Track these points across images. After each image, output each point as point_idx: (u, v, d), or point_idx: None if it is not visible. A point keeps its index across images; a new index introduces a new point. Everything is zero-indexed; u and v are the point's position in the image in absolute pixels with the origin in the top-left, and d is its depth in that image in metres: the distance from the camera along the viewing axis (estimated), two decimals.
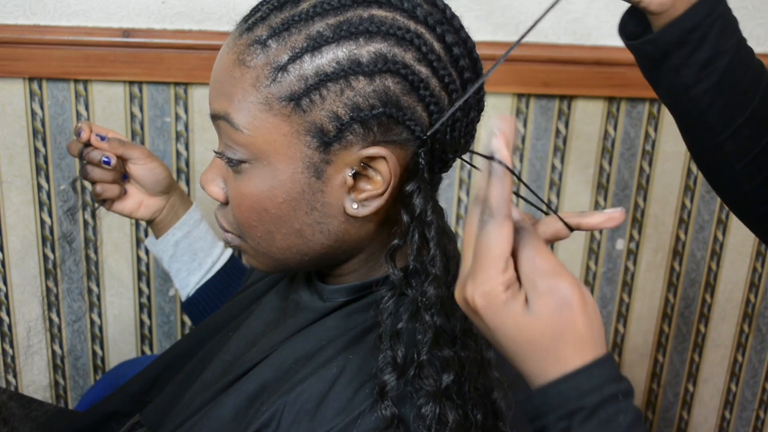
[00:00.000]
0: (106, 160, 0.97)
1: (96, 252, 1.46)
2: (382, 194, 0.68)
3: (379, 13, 0.66)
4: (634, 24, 0.86)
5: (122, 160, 1.00)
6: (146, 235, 1.45)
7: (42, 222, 1.43)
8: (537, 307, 0.57)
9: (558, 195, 1.50)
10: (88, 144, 0.98)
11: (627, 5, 0.85)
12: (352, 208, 0.69)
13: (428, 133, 0.68)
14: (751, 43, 0.86)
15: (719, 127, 0.83)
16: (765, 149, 0.84)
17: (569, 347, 0.56)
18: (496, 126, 0.60)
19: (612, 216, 0.64)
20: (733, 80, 0.80)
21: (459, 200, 1.50)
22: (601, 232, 1.53)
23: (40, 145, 1.39)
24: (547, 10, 0.68)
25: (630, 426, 0.55)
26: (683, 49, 0.79)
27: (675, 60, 0.81)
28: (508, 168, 0.57)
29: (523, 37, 0.65)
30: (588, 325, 0.57)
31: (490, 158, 0.58)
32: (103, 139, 0.98)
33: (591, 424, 0.55)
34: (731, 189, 0.89)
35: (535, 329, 0.57)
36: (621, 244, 1.55)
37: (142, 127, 1.40)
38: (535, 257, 0.58)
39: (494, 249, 0.57)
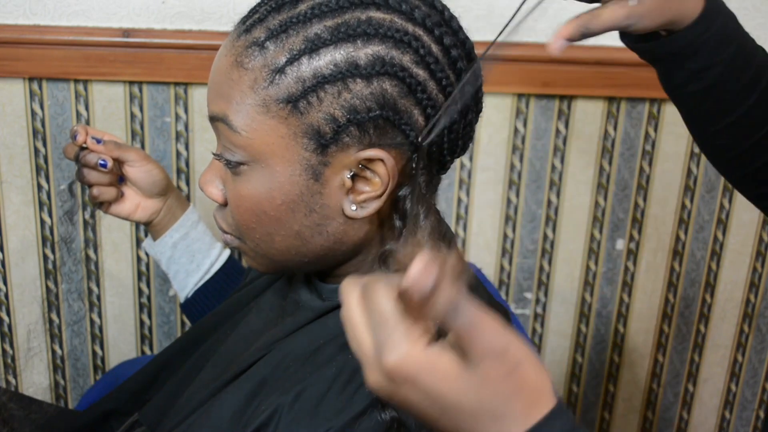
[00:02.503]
0: (102, 162, 0.97)
1: (96, 252, 1.47)
2: (380, 196, 0.68)
3: (377, 15, 0.66)
4: None
5: (119, 162, 1.00)
6: (146, 235, 1.45)
7: (42, 222, 1.43)
8: (484, 371, 0.49)
9: (558, 195, 1.50)
10: (84, 147, 0.98)
11: None
12: (351, 209, 0.69)
13: (423, 143, 0.67)
14: None
15: (709, 123, 0.83)
16: (757, 144, 0.84)
17: (526, 404, 0.50)
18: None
19: None
20: (725, 86, 0.80)
21: (459, 200, 1.49)
22: (601, 232, 1.53)
23: (40, 145, 1.39)
24: (517, 11, 0.68)
25: None
26: (675, 60, 0.79)
27: (667, 65, 0.81)
28: None
29: (496, 39, 0.65)
30: (538, 374, 0.51)
31: None
32: (99, 141, 0.98)
33: None
34: (733, 170, 0.89)
35: (483, 392, 0.49)
36: (621, 245, 1.55)
37: (142, 127, 1.40)
38: (469, 317, 0.48)
39: (386, 306, 0.50)
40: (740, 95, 0.81)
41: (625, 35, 0.84)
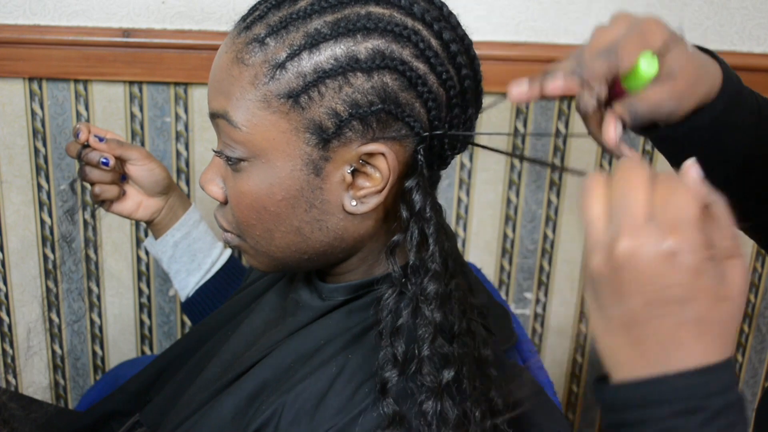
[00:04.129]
0: (104, 161, 0.98)
1: (96, 252, 1.47)
2: (380, 191, 0.68)
3: (376, 10, 0.66)
4: None
5: (121, 161, 1.00)
6: (146, 235, 1.45)
7: (42, 222, 1.43)
8: (732, 281, 0.50)
9: (558, 195, 1.50)
10: (86, 145, 0.98)
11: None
12: (351, 205, 0.69)
13: (430, 133, 0.68)
14: (751, 43, 0.85)
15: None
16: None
17: (717, 338, 0.50)
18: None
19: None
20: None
21: (459, 200, 1.50)
22: None
23: (40, 145, 1.39)
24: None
25: None
26: (685, 145, 0.76)
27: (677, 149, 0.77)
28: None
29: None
30: (736, 320, 0.52)
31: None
32: (101, 140, 0.98)
33: (710, 428, 0.49)
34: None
35: (725, 307, 0.50)
36: None
37: (142, 127, 1.40)
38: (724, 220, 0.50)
39: (638, 196, 0.50)
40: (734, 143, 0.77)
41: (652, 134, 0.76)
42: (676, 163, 0.77)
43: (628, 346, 0.51)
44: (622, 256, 0.50)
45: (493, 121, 1.44)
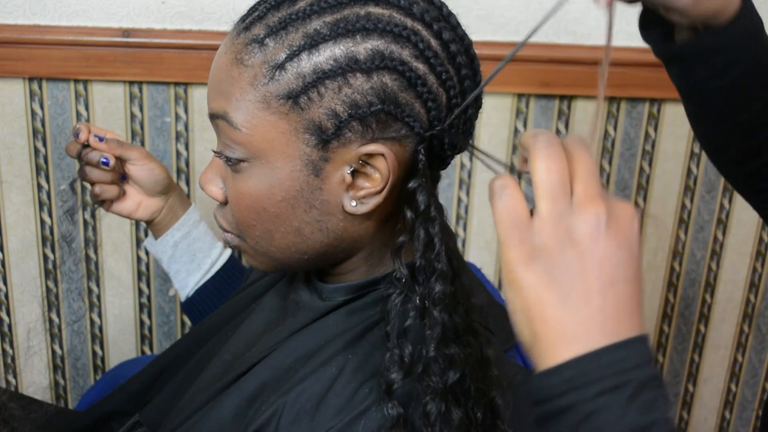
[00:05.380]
0: (104, 161, 0.98)
1: (96, 252, 1.47)
2: (380, 191, 0.68)
3: (375, 10, 0.66)
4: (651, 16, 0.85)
5: (121, 160, 1.00)
6: (146, 235, 1.45)
7: (42, 222, 1.43)
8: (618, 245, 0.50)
9: None
10: (86, 145, 0.98)
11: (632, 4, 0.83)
12: (351, 205, 0.69)
13: (429, 132, 0.68)
14: None
15: (724, 118, 0.83)
16: (765, 142, 0.84)
17: (635, 314, 0.50)
18: None
19: None
20: (746, 82, 0.79)
21: (459, 200, 1.50)
22: None
23: (40, 145, 1.39)
24: (549, 15, 0.68)
25: (670, 418, 0.49)
26: (701, 57, 0.78)
27: (691, 62, 0.80)
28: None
29: (525, 41, 0.65)
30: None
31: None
32: (101, 140, 0.98)
33: (636, 402, 0.48)
34: (730, 168, 0.89)
35: (640, 286, 0.50)
36: None
37: (142, 127, 1.40)
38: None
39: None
40: (758, 94, 0.80)
41: (647, 34, 0.83)
42: (686, 83, 0.80)
43: (584, 320, 0.50)
44: (591, 227, 0.49)
45: (493, 121, 1.44)
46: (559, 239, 0.50)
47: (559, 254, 0.50)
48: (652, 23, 0.83)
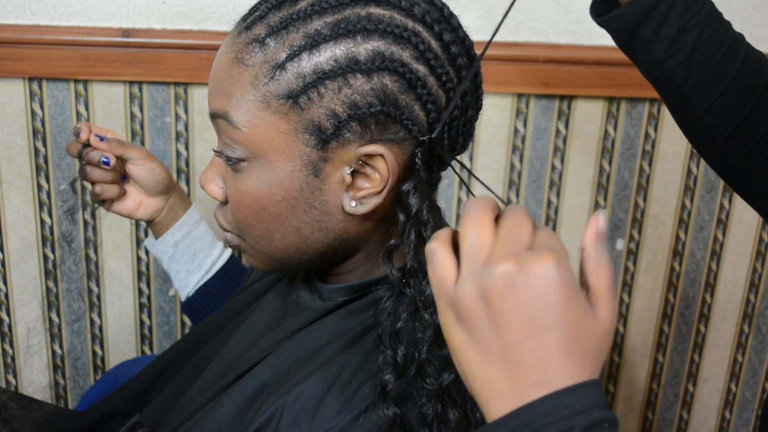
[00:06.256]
0: (105, 160, 0.98)
1: (96, 252, 1.47)
2: (380, 192, 0.68)
3: (376, 11, 0.66)
4: (603, 0, 0.87)
5: (121, 160, 1.00)
6: (146, 235, 1.45)
7: (42, 222, 1.43)
8: (603, 313, 0.51)
9: (558, 195, 1.50)
10: (87, 144, 0.98)
11: None
12: (351, 206, 0.69)
13: (426, 137, 0.68)
14: (751, 42, 0.86)
15: (696, 100, 0.83)
16: (745, 121, 0.84)
17: (586, 361, 0.50)
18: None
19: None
20: (705, 54, 0.80)
21: (459, 200, 1.50)
22: None
23: (40, 145, 1.39)
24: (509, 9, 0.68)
25: None
26: (649, 25, 0.80)
27: (643, 36, 0.81)
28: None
29: (494, 35, 0.65)
30: (606, 344, 0.52)
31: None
32: (102, 139, 0.98)
33: None
34: (719, 162, 0.89)
35: (595, 330, 0.50)
36: (621, 244, 1.55)
37: (142, 127, 1.40)
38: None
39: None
40: (721, 66, 0.81)
41: (600, 14, 0.84)
42: (648, 64, 0.83)
43: (508, 374, 0.50)
44: (500, 283, 0.49)
45: (493, 121, 1.44)
46: (474, 299, 0.50)
47: (476, 313, 0.50)
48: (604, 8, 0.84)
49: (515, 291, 0.49)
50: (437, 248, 0.53)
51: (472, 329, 0.50)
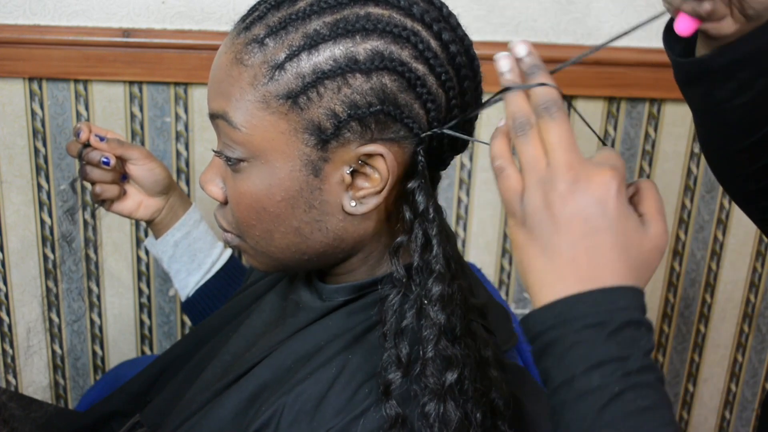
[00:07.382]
0: (105, 160, 0.98)
1: (96, 252, 1.47)
2: (380, 192, 0.68)
3: (375, 10, 0.66)
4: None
5: (121, 160, 1.00)
6: (146, 235, 1.45)
7: (42, 222, 1.43)
8: (654, 231, 0.58)
9: None
10: (87, 144, 0.98)
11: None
12: (350, 205, 0.69)
13: (427, 134, 0.68)
14: None
15: (740, 136, 0.81)
16: None
17: (633, 268, 0.57)
18: (499, 56, 0.63)
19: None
20: (767, 97, 0.77)
21: (459, 200, 1.49)
22: None
23: (40, 145, 1.39)
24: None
25: (648, 353, 0.54)
26: (725, 73, 0.76)
27: (714, 80, 0.78)
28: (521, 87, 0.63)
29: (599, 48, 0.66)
30: (656, 259, 0.59)
31: (502, 91, 0.62)
32: (102, 139, 0.98)
33: (615, 339, 0.54)
34: (737, 186, 0.88)
35: (645, 245, 0.57)
36: None
37: (142, 127, 1.40)
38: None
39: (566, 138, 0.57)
40: None
41: (671, 44, 0.79)
42: (707, 101, 0.79)
43: (560, 267, 0.56)
44: (562, 189, 0.56)
45: (494, 121, 1.44)
46: (539, 204, 0.57)
47: (538, 216, 0.57)
48: (677, 38, 0.80)
49: (575, 196, 0.56)
50: (505, 166, 0.60)
51: (534, 228, 0.57)
